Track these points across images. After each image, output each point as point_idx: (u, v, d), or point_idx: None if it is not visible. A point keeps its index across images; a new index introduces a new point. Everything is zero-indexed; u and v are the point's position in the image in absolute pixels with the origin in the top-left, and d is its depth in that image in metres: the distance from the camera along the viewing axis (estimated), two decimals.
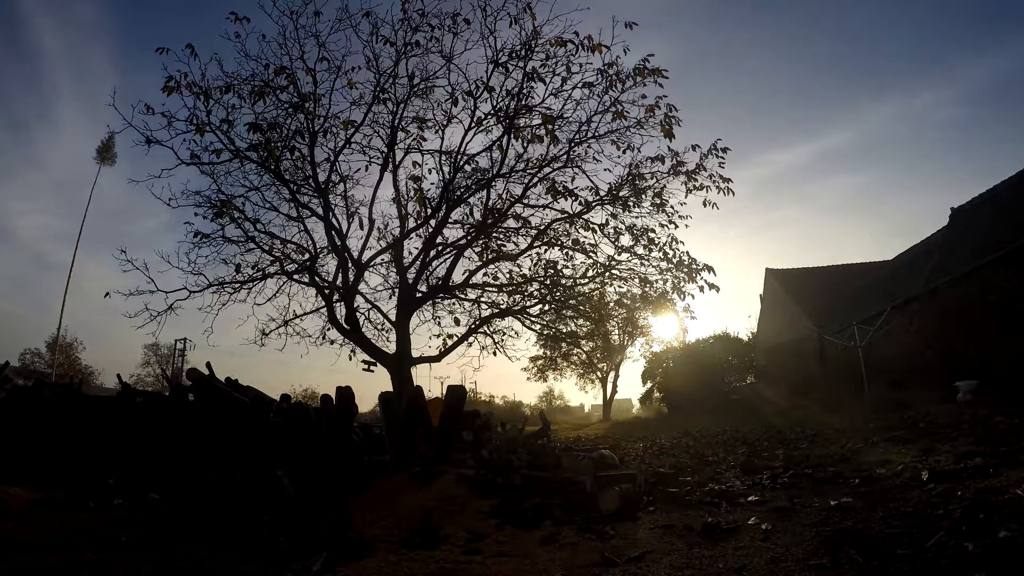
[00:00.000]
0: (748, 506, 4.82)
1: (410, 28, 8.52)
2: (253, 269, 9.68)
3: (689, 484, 5.99)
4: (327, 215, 9.27)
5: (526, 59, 8.27)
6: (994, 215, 15.67)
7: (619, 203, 9.13)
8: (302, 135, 8.92)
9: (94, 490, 5.62)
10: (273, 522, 4.78)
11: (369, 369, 9.83)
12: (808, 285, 27.30)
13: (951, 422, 8.16)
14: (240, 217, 9.31)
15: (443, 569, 3.71)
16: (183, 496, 5.50)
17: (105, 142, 34.73)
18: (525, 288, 10.31)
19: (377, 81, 8.84)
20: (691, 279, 9.07)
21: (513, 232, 9.99)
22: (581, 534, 4.40)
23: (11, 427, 6.99)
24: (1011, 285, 12.59)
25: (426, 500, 5.42)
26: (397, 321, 9.53)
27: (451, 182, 9.20)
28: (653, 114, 8.38)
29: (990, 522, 3.29)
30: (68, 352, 39.53)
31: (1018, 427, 6.57)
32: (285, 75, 8.49)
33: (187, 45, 7.86)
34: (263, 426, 7.78)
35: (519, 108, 8.53)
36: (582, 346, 16.69)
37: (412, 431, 7.67)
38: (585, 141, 8.80)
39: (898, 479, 4.98)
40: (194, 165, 8.54)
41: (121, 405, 7.91)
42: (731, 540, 3.85)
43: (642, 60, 8.20)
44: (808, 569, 3.09)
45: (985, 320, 13.33)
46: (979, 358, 13.27)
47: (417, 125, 9.29)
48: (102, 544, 3.93)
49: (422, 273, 9.92)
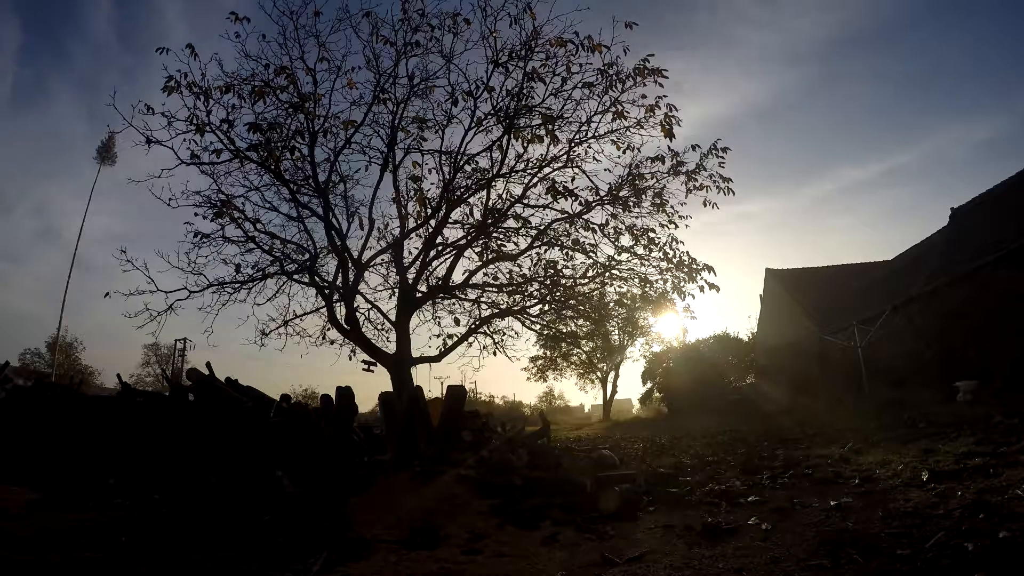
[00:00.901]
0: (748, 506, 4.82)
1: (410, 28, 8.53)
2: (253, 269, 9.68)
3: (689, 484, 5.98)
4: (327, 215, 9.27)
5: (526, 59, 8.29)
6: (994, 215, 15.67)
7: (619, 203, 9.13)
8: (302, 135, 8.92)
9: (94, 490, 5.62)
10: (273, 522, 4.78)
11: (369, 369, 9.83)
12: (808, 285, 27.29)
13: (951, 422, 8.15)
14: (240, 217, 9.31)
15: (443, 569, 3.71)
16: (183, 496, 5.50)
17: (105, 142, 34.79)
18: (525, 288, 10.30)
19: (377, 81, 8.85)
20: (691, 279, 9.08)
21: (513, 232, 9.99)
22: (581, 534, 4.40)
23: (11, 427, 6.99)
24: (1011, 285, 12.59)
25: (426, 500, 5.42)
26: (397, 321, 9.53)
27: (451, 182, 9.21)
28: (653, 114, 8.38)
29: (990, 522, 3.29)
30: (68, 352, 39.54)
31: (1018, 427, 6.56)
32: (285, 75, 8.50)
33: (187, 45, 7.88)
34: (263, 426, 7.78)
35: (519, 108, 8.54)
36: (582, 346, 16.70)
37: (412, 431, 7.67)
38: (585, 141, 8.81)
39: (898, 479, 4.98)
40: (194, 165, 8.54)
41: (121, 405, 7.90)
42: (731, 540, 3.85)
43: (642, 60, 8.22)
44: (808, 569, 3.09)
45: (985, 320, 13.33)
46: (979, 358, 13.26)
47: (417, 125, 9.31)
48: (102, 544, 3.92)
49: (422, 273, 9.92)
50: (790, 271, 29.74)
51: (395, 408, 8.40)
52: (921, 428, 8.06)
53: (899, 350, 17.27)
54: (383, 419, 8.92)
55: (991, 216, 15.84)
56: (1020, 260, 12.63)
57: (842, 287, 25.70)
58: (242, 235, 9.43)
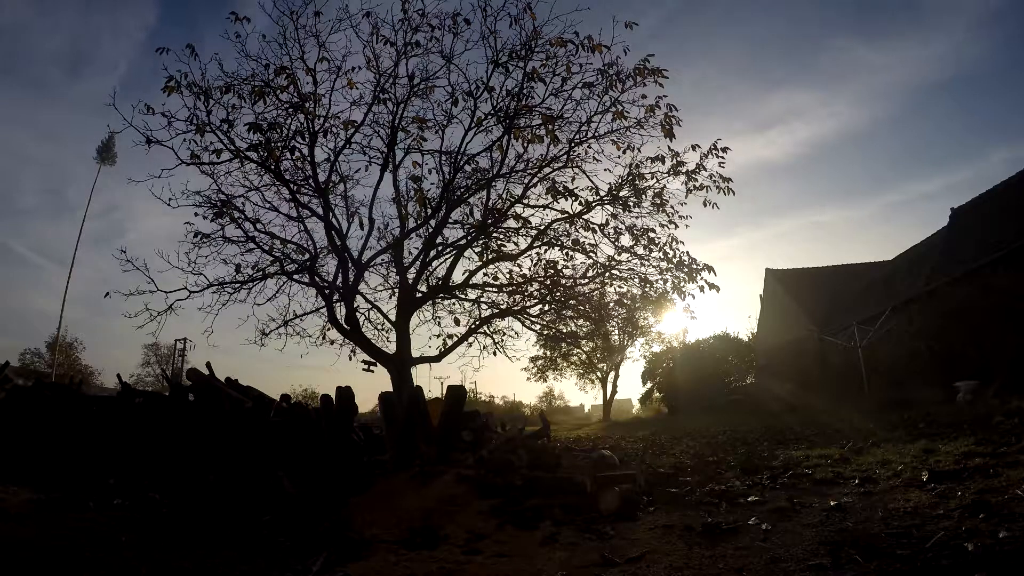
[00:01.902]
0: (748, 506, 4.82)
1: (410, 28, 8.52)
2: (253, 269, 9.67)
3: (689, 484, 5.98)
4: (327, 215, 9.26)
5: (526, 59, 8.28)
6: (994, 215, 15.68)
7: (619, 203, 9.13)
8: (302, 135, 8.91)
9: (94, 490, 5.61)
10: (273, 522, 4.78)
11: (369, 369, 9.83)
12: (808, 285, 27.31)
13: (951, 422, 8.15)
14: (240, 217, 9.30)
15: (443, 569, 3.71)
16: (183, 496, 5.50)
17: (105, 142, 34.81)
18: (525, 288, 10.30)
19: (377, 81, 8.85)
20: (691, 279, 9.08)
21: (513, 232, 9.99)
22: (581, 534, 4.40)
23: (11, 427, 6.99)
24: (1011, 285, 12.60)
25: (426, 500, 5.43)
26: (397, 321, 9.53)
27: (451, 182, 9.20)
28: (653, 114, 8.38)
29: (990, 522, 3.29)
30: (68, 352, 39.58)
31: (1018, 427, 6.57)
32: (285, 75, 8.48)
33: (187, 45, 7.88)
34: (263, 426, 7.79)
35: (519, 108, 8.54)
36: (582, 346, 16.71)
37: (412, 431, 7.67)
38: (585, 141, 8.81)
39: (898, 479, 4.97)
40: (194, 165, 8.54)
41: (121, 405, 7.91)
42: (731, 540, 3.84)
43: (642, 60, 8.21)
44: (808, 569, 3.08)
45: (985, 320, 13.34)
46: (979, 358, 13.26)
47: (417, 125, 9.30)
48: (102, 544, 3.93)
49: (422, 273, 9.92)
50: (790, 271, 29.74)
51: (395, 408, 8.40)
52: (921, 428, 8.06)
53: (899, 350, 17.28)
54: (383, 419, 8.91)
55: (991, 216, 15.86)
56: (1020, 260, 12.64)
57: (842, 287, 25.72)
58: (242, 235, 9.42)
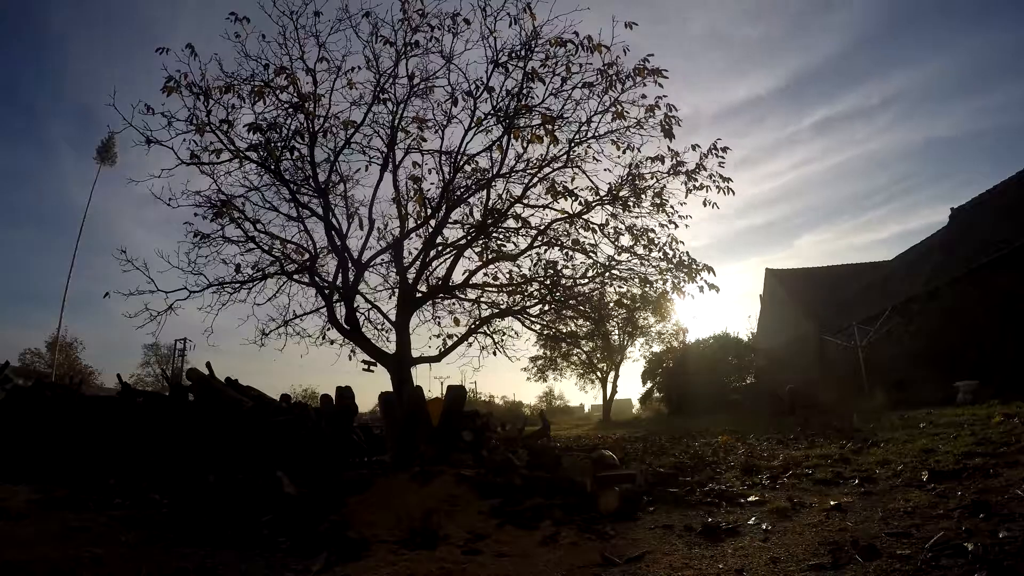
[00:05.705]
0: (748, 506, 4.82)
1: (410, 28, 8.51)
2: (253, 269, 9.66)
3: (689, 484, 5.98)
4: (327, 215, 9.26)
5: (526, 59, 8.27)
6: (994, 215, 15.69)
7: (619, 203, 9.12)
8: (302, 135, 8.91)
9: (94, 490, 5.62)
10: (273, 522, 4.78)
11: (369, 369, 9.83)
12: (808, 285, 27.33)
13: (951, 422, 8.16)
14: (240, 217, 9.30)
15: (443, 569, 3.71)
16: (183, 496, 5.50)
17: (105, 142, 34.81)
18: (525, 288, 10.30)
19: (377, 81, 8.84)
20: (691, 279, 9.08)
21: (513, 232, 9.98)
22: (581, 534, 4.39)
23: (11, 427, 6.99)
24: (1011, 285, 12.60)
25: (426, 500, 5.42)
26: (397, 321, 9.52)
27: (451, 182, 9.20)
28: (653, 114, 8.38)
29: (990, 522, 3.29)
30: (68, 352, 39.60)
31: (1018, 427, 6.57)
32: (285, 75, 8.48)
33: (187, 45, 7.88)
34: (263, 426, 7.79)
35: (519, 108, 8.53)
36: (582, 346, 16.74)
37: (412, 431, 7.67)
38: (585, 141, 8.80)
39: (898, 479, 4.98)
40: (194, 165, 8.54)
41: (121, 405, 7.91)
42: (731, 540, 3.84)
43: (642, 60, 8.21)
44: (808, 569, 3.08)
45: (985, 320, 13.35)
46: (979, 358, 13.27)
47: (417, 125, 9.30)
48: (102, 544, 3.93)
49: (422, 273, 9.91)
50: (790, 271, 29.78)
51: (395, 408, 8.40)
52: (921, 428, 8.07)
53: (899, 350, 17.29)
54: (383, 419, 8.92)
55: (991, 216, 15.86)
56: (1020, 260, 12.64)
57: (842, 287, 25.73)
58: (242, 235, 9.42)
